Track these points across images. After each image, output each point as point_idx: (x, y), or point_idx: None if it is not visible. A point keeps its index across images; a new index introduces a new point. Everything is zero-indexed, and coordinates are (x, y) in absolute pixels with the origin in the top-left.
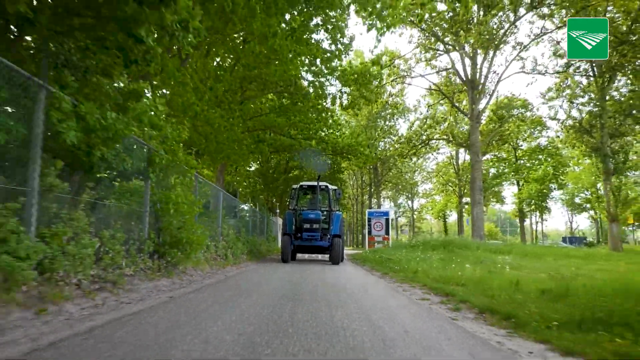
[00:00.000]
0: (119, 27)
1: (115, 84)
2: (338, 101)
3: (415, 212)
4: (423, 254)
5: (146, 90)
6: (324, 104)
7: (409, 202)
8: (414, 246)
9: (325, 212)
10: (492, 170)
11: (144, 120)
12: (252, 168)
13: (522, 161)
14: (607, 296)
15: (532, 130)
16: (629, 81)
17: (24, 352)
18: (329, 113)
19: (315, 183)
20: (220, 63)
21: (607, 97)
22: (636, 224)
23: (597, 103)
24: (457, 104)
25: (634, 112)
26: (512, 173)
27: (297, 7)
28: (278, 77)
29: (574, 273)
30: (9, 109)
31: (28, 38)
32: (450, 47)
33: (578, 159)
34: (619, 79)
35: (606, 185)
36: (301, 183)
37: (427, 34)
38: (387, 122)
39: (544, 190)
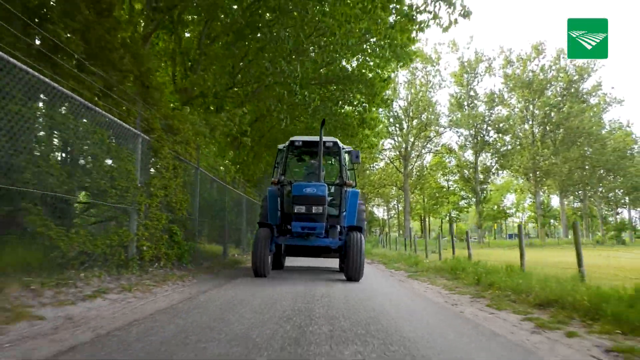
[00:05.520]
0: None
1: None
2: None
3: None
4: (368, 244)
5: None
6: None
7: (397, 205)
8: (368, 241)
9: (333, 188)
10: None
11: None
12: None
13: (452, 188)
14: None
15: (452, 173)
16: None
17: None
18: None
19: (316, 138)
20: None
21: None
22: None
23: (472, 165)
24: (397, 167)
25: (492, 171)
26: (444, 196)
27: None
28: None
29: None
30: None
31: None
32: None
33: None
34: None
35: (477, 208)
36: (292, 138)
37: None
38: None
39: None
